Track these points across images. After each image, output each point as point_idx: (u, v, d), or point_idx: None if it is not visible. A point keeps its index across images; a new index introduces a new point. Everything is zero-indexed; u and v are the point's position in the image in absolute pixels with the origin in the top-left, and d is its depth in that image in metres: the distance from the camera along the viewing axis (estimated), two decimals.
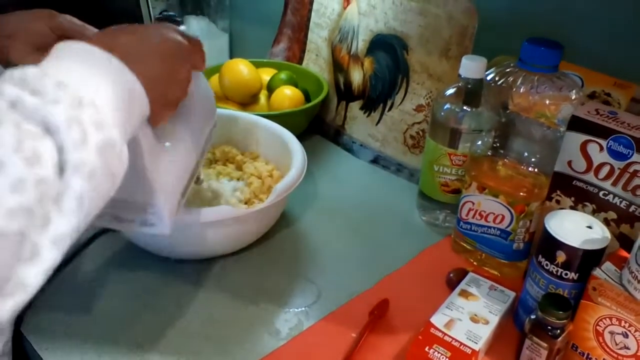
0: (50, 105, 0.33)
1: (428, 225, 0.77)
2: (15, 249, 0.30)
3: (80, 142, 0.33)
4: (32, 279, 0.31)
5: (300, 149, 0.73)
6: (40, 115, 0.32)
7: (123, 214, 0.48)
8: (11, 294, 0.31)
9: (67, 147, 0.33)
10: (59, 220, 0.32)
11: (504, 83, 0.65)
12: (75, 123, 0.33)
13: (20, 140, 0.31)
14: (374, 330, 0.59)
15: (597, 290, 0.51)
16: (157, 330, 0.58)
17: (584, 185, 0.60)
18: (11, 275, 0.30)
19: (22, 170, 0.30)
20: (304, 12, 1.01)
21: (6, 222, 0.30)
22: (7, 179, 0.30)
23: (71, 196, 0.33)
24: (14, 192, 0.30)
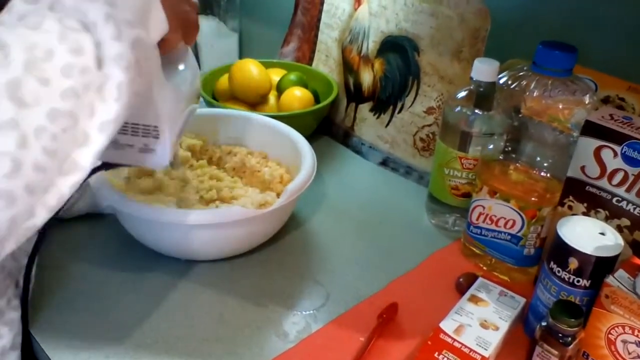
0: (88, 3, 0.36)
1: (437, 229, 0.77)
2: (70, 131, 0.35)
3: (117, 36, 0.36)
4: (84, 160, 0.36)
5: (309, 150, 0.72)
6: (79, 12, 0.36)
7: (123, 139, 0.48)
8: (69, 172, 0.35)
9: (104, 42, 0.36)
10: (102, 107, 0.36)
11: (517, 86, 0.64)
12: (111, 19, 0.36)
13: (64, 32, 0.35)
14: (382, 335, 0.58)
15: (609, 297, 0.50)
16: (166, 331, 0.58)
17: (597, 191, 0.59)
18: (68, 155, 0.35)
19: (69, 58, 0.34)
20: (314, 12, 1.00)
21: (60, 102, 0.34)
22: (57, 65, 0.34)
23: (112, 85, 0.36)
24: (64, 76, 0.34)
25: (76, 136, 0.35)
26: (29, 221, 0.34)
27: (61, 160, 0.35)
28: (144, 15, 0.40)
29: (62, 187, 0.35)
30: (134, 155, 0.49)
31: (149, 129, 0.48)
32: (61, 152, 0.34)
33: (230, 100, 0.94)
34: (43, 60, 0.34)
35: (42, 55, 0.34)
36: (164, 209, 0.62)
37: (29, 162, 0.33)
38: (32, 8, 0.35)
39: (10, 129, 0.32)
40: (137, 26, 0.38)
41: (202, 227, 0.61)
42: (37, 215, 0.34)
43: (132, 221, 0.65)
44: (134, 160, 0.50)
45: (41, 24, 0.34)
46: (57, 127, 0.34)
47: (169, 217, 0.60)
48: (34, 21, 0.35)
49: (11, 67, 0.33)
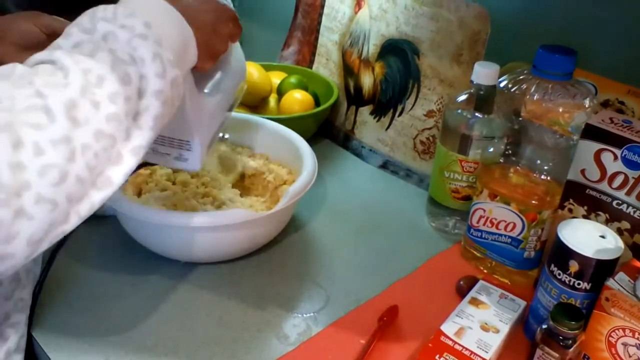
0: (139, 39, 0.40)
1: (437, 232, 0.77)
2: (109, 150, 0.38)
3: (161, 74, 0.41)
4: (116, 178, 0.39)
5: (310, 152, 0.73)
6: (131, 47, 0.40)
7: (161, 148, 0.55)
8: (102, 187, 0.39)
9: (149, 76, 0.40)
10: (137, 134, 0.40)
11: (517, 90, 0.65)
12: (158, 58, 0.41)
13: (115, 62, 0.38)
14: (383, 337, 0.58)
15: (610, 300, 0.50)
16: (165, 333, 0.58)
17: (597, 194, 0.59)
18: (103, 171, 0.38)
19: (117, 86, 0.38)
20: (315, 15, 1.01)
21: (105, 125, 0.37)
22: (107, 91, 0.37)
23: (149, 116, 0.41)
24: (111, 102, 0.38)
25: (112, 156, 0.39)
26: (63, 226, 0.37)
27: (97, 175, 0.38)
28: (182, 54, 0.45)
29: (94, 199, 0.38)
30: (169, 162, 0.56)
31: (183, 143, 0.54)
32: (99, 168, 0.38)
33: None
34: (95, 86, 0.37)
35: (94, 81, 0.37)
36: (166, 212, 0.62)
37: (73, 174, 0.36)
38: (87, 37, 0.39)
39: (63, 144, 0.35)
40: (176, 66, 0.43)
41: (204, 229, 0.61)
42: (70, 221, 0.37)
43: (133, 223, 0.65)
44: (170, 164, 0.57)
45: (96, 53, 0.38)
46: (99, 146, 0.37)
47: (171, 219, 0.60)
48: (90, 49, 0.38)
49: (70, 88, 0.36)
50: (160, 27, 0.42)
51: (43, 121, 0.34)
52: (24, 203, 0.33)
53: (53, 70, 0.37)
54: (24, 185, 0.33)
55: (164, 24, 0.43)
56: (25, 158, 0.33)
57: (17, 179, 0.33)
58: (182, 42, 0.45)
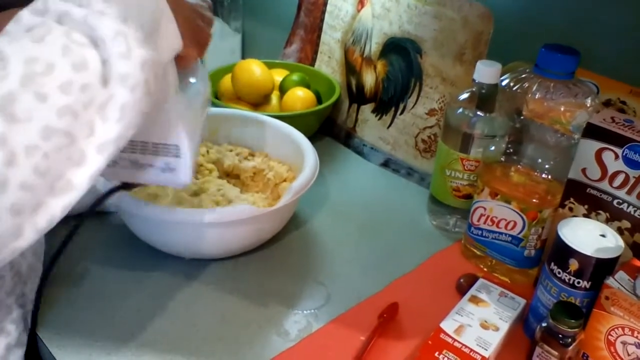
0: (97, 17, 0.34)
1: (438, 230, 0.77)
2: (65, 150, 0.33)
3: (126, 54, 0.35)
4: (79, 181, 0.34)
5: (311, 149, 0.73)
6: (88, 26, 0.34)
7: (142, 158, 0.47)
8: (62, 193, 0.34)
9: (112, 59, 0.34)
10: (103, 128, 0.35)
11: (519, 89, 0.65)
12: (121, 36, 0.35)
13: (68, 46, 0.33)
14: (383, 334, 0.59)
15: (609, 299, 0.50)
16: (168, 330, 0.58)
17: (598, 193, 0.60)
18: (62, 174, 0.33)
19: (70, 74, 0.33)
20: (317, 13, 1.01)
21: (56, 120, 0.32)
22: (57, 81, 0.32)
23: (115, 105, 0.35)
24: (62, 92, 0.32)
25: (72, 155, 0.34)
26: (15, 242, 0.33)
27: (53, 180, 0.33)
28: (155, 32, 0.39)
29: (54, 207, 0.34)
30: (155, 175, 0.48)
31: (169, 148, 0.47)
32: (54, 171, 0.33)
33: (233, 100, 0.95)
34: (42, 75, 0.32)
35: (41, 70, 0.32)
36: (170, 209, 0.62)
37: (15, 181, 0.31)
38: (39, 20, 0.34)
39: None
40: (148, 45, 0.37)
41: (208, 225, 0.61)
42: (24, 236, 0.33)
43: (136, 220, 0.65)
44: (155, 180, 0.49)
45: (45, 37, 0.33)
46: (50, 146, 0.32)
47: (175, 216, 0.60)
48: (39, 33, 0.33)
49: (7, 81, 0.31)
50: (124, 3, 0.36)
51: None
52: None
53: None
54: None
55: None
56: None
57: None
58: (154, 17, 0.39)
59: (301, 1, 1.04)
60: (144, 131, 0.43)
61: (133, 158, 0.47)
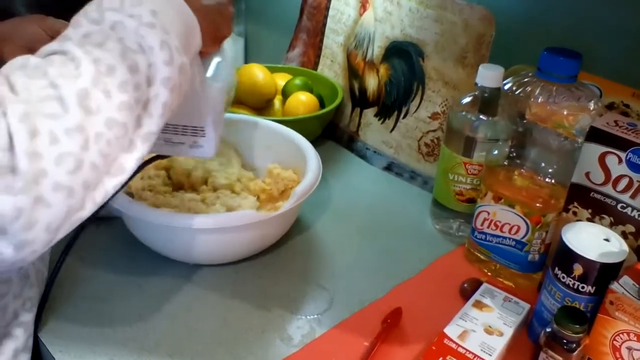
0: (147, 28, 0.41)
1: (441, 234, 0.77)
2: (122, 137, 0.39)
3: (169, 61, 0.41)
4: (128, 165, 0.40)
5: (314, 153, 0.73)
6: (139, 35, 0.40)
7: (175, 138, 0.55)
8: (115, 174, 0.40)
9: (157, 64, 0.41)
10: (148, 121, 0.41)
11: (522, 92, 0.65)
12: (166, 45, 0.41)
13: (124, 52, 0.39)
14: (386, 340, 0.58)
15: (614, 304, 0.50)
16: (170, 334, 0.58)
17: (601, 197, 0.59)
18: (117, 158, 0.39)
19: (127, 75, 0.39)
20: (320, 17, 1.01)
21: (117, 113, 0.38)
22: (117, 80, 0.38)
23: (159, 103, 0.41)
24: (121, 91, 0.38)
25: (124, 143, 0.39)
26: (79, 213, 0.38)
27: (110, 163, 0.39)
28: (186, 39, 0.45)
29: (108, 185, 0.39)
30: (184, 150, 0.56)
31: (197, 129, 0.55)
32: (112, 155, 0.39)
33: (236, 104, 0.95)
34: (106, 75, 0.38)
35: (105, 70, 0.38)
36: (172, 213, 0.62)
37: (88, 162, 0.37)
38: (96, 28, 0.40)
39: (77, 133, 0.36)
40: (183, 53, 0.43)
41: (210, 231, 0.61)
42: (86, 208, 0.38)
43: (138, 224, 0.65)
44: (185, 153, 0.57)
45: (105, 43, 0.39)
46: (112, 134, 0.38)
47: (177, 221, 0.60)
48: (99, 39, 0.39)
49: (82, 78, 0.37)
50: (166, 15, 0.42)
51: (57, 111, 0.35)
52: (42, 191, 0.34)
53: (65, 61, 0.37)
54: (41, 173, 0.34)
55: (169, 11, 0.43)
56: (42, 147, 0.34)
57: (34, 167, 0.34)
58: (186, 29, 0.45)
59: (304, 5, 1.04)
60: (175, 116, 0.52)
61: (167, 137, 0.56)
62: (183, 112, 0.51)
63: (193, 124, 0.54)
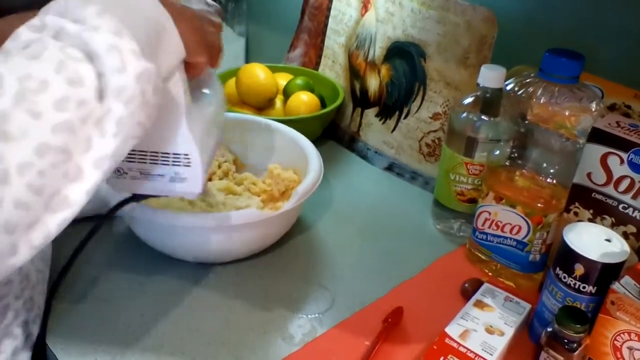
0: (92, 32, 0.35)
1: (442, 234, 0.77)
2: (61, 166, 0.33)
3: (120, 68, 0.35)
4: (75, 197, 0.34)
5: (316, 153, 0.73)
6: (82, 41, 0.34)
7: (153, 168, 0.47)
8: (58, 209, 0.34)
9: (107, 73, 0.35)
10: (100, 142, 0.35)
11: (524, 93, 0.65)
12: (115, 50, 0.35)
13: (63, 62, 0.33)
14: (387, 339, 0.58)
15: (615, 304, 0.50)
16: (172, 334, 0.58)
17: (603, 197, 0.59)
18: (58, 191, 0.33)
19: (66, 90, 0.33)
20: (321, 17, 1.01)
21: (51, 137, 0.32)
22: (52, 97, 0.32)
23: (112, 119, 0.35)
24: (58, 109, 0.32)
25: (68, 171, 0.34)
26: (10, 259, 0.33)
27: (49, 197, 0.33)
28: (155, 43, 0.39)
29: (49, 224, 0.34)
30: (165, 186, 0.48)
31: (179, 157, 0.46)
32: (49, 188, 0.33)
33: (237, 104, 0.95)
34: (36, 92, 0.32)
35: (35, 87, 0.32)
36: (176, 213, 0.62)
37: (9, 199, 0.31)
38: (36, 37, 0.34)
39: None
40: (144, 57, 0.37)
41: (213, 229, 0.61)
42: (19, 253, 0.33)
43: (141, 224, 0.65)
44: (166, 190, 0.48)
45: (41, 53, 0.33)
46: (45, 163, 0.32)
47: (180, 220, 0.60)
48: (35, 50, 0.33)
49: (1, 100, 0.31)
50: (119, 14, 0.36)
51: None
52: None
53: None
54: None
55: (126, 9, 0.38)
56: None
57: None
58: (155, 29, 0.39)
59: (305, 6, 1.04)
60: (153, 141, 0.44)
61: (143, 168, 0.47)
62: (163, 133, 0.44)
63: (174, 151, 0.46)
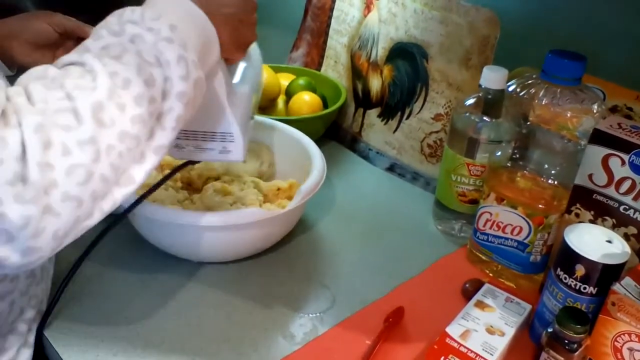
0: (165, 42, 0.41)
1: (443, 235, 0.77)
2: (133, 151, 0.40)
3: (185, 76, 0.42)
4: (138, 176, 0.41)
5: (318, 152, 0.73)
6: (157, 49, 0.41)
7: (204, 144, 0.57)
8: (125, 184, 0.40)
9: (173, 79, 0.41)
10: (160, 134, 0.42)
11: (526, 94, 0.65)
12: (182, 60, 0.42)
13: (141, 65, 0.40)
14: (388, 338, 0.59)
15: (616, 305, 0.50)
16: (173, 331, 0.59)
17: (604, 199, 0.60)
18: (127, 170, 0.40)
19: (142, 89, 0.39)
20: (324, 18, 1.01)
21: (130, 126, 0.39)
22: (132, 94, 0.39)
23: (172, 117, 0.42)
24: (136, 104, 0.39)
25: (136, 155, 0.40)
26: (87, 221, 0.38)
27: (120, 174, 0.39)
28: (203, 52, 0.46)
29: (117, 195, 0.40)
30: (214, 156, 0.58)
31: (225, 135, 0.56)
32: (122, 167, 0.39)
33: None
34: (122, 88, 0.38)
35: (121, 84, 0.38)
36: (178, 211, 0.62)
37: (98, 173, 0.37)
38: (116, 40, 0.40)
39: (89, 145, 0.36)
40: (200, 67, 0.44)
41: (216, 228, 0.61)
42: (94, 217, 0.39)
43: (144, 222, 0.65)
44: (215, 159, 0.58)
45: (123, 56, 0.39)
46: (123, 147, 0.38)
47: (183, 218, 0.60)
48: (117, 52, 0.39)
49: (97, 91, 0.37)
50: (184, 30, 0.43)
51: (72, 123, 0.36)
52: (51, 201, 0.35)
53: (82, 72, 0.38)
54: (51, 184, 0.35)
55: (187, 25, 0.44)
56: (54, 158, 0.35)
57: (45, 177, 0.34)
58: (205, 42, 0.46)
59: (308, 6, 1.04)
60: (205, 123, 0.54)
61: (196, 144, 0.57)
62: (211, 119, 0.53)
63: (222, 130, 0.55)
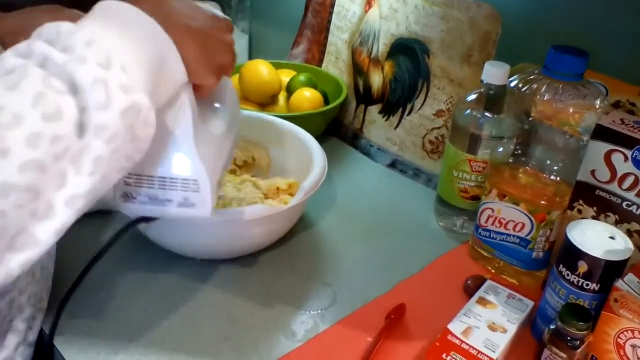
0: (78, 63, 0.32)
1: (445, 231, 0.77)
2: (29, 204, 0.31)
3: (104, 104, 0.33)
4: (42, 235, 0.32)
5: (320, 149, 0.73)
6: (67, 72, 0.32)
7: (161, 194, 0.46)
8: (21, 248, 0.31)
9: (89, 108, 0.32)
10: (74, 180, 0.33)
11: (528, 90, 0.65)
12: (100, 84, 0.33)
13: (42, 94, 0.31)
14: (390, 335, 0.58)
15: (618, 302, 0.50)
16: (174, 329, 0.58)
17: (607, 195, 0.59)
18: (23, 229, 0.31)
19: (39, 125, 0.31)
20: (325, 14, 1.01)
21: (17, 176, 0.30)
22: (23, 133, 0.30)
23: (89, 157, 0.33)
24: (28, 146, 0.30)
25: (37, 209, 0.31)
26: None
27: (12, 236, 0.31)
28: (155, 73, 0.37)
29: (11, 263, 0.32)
30: (172, 211, 0.47)
31: (188, 183, 0.45)
32: (12, 227, 0.31)
33: (240, 100, 0.95)
34: (7, 127, 0.30)
35: (8, 121, 0.30)
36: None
37: None
38: (21, 63, 0.32)
39: None
40: (134, 90, 0.35)
41: (218, 225, 0.61)
42: None
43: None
44: (175, 214, 0.47)
45: (20, 83, 0.31)
46: (8, 203, 0.30)
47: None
48: (15, 79, 0.31)
49: None
50: (111, 43, 0.34)
51: None
52: None
53: None
54: None
55: (121, 37, 0.35)
56: None
57: None
58: (156, 59, 0.37)
59: (308, 2, 1.04)
60: (160, 166, 0.44)
61: (151, 194, 0.47)
62: (169, 160, 0.43)
63: (182, 176, 0.45)
